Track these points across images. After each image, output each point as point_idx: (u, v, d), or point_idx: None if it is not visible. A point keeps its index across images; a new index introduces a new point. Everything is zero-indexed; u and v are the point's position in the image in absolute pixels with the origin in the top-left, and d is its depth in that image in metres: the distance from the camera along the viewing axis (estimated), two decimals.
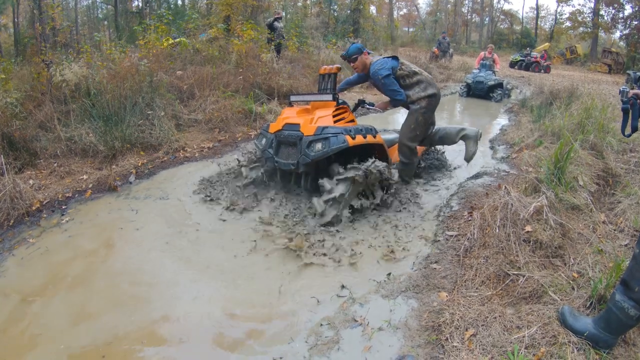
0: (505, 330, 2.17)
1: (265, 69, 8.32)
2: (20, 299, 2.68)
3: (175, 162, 5.23)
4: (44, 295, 2.72)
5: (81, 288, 2.78)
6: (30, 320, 2.49)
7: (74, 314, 2.53)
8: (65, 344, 2.29)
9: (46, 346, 2.28)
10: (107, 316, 2.50)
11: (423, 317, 2.40)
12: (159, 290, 2.74)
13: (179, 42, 9.01)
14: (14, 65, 7.46)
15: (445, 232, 3.42)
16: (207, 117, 6.49)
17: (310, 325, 2.41)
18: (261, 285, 2.81)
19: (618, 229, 3.33)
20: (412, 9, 46.32)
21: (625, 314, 1.90)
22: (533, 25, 40.19)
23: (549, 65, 23.46)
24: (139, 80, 5.99)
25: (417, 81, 4.11)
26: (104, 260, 3.13)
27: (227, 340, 2.32)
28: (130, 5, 25.32)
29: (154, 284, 2.81)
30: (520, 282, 2.56)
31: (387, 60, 4.04)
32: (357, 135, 3.63)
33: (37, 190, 4.22)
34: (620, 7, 31.31)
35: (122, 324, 2.43)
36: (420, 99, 4.09)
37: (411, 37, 37.31)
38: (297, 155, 3.65)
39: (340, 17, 26.35)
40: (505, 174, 4.79)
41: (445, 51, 18.59)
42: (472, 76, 11.96)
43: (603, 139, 4.76)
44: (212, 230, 3.57)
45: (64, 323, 2.46)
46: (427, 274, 2.86)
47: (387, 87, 4.01)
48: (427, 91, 4.10)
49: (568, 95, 7.85)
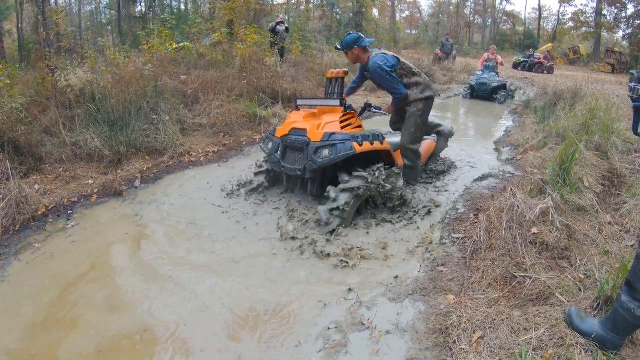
0: (512, 333, 2.16)
1: (269, 72, 8.33)
2: (25, 304, 2.69)
3: (181, 166, 5.25)
4: (50, 300, 2.73)
5: (86, 293, 2.80)
6: (37, 327, 2.50)
7: (76, 319, 2.54)
8: (68, 351, 2.29)
9: (48, 350, 2.29)
10: (107, 318, 2.51)
11: (430, 320, 2.40)
12: (164, 294, 2.75)
13: (183, 47, 9.04)
14: (19, 71, 7.49)
15: (451, 235, 3.42)
16: (212, 121, 6.51)
17: (318, 329, 2.41)
18: (269, 289, 2.81)
19: (624, 229, 3.32)
20: (415, 12, 46.39)
21: (631, 314, 1.90)
22: (536, 26, 40.10)
23: (552, 66, 23.37)
24: (143, 85, 6.02)
25: (416, 82, 4.12)
26: (109, 265, 3.14)
27: (232, 345, 2.33)
28: (134, 10, 25.43)
29: (160, 288, 2.82)
30: (527, 284, 2.56)
31: (388, 56, 4.02)
32: (364, 142, 3.63)
33: (43, 195, 4.24)
34: (623, 6, 31.20)
35: (119, 326, 2.44)
36: (418, 101, 4.11)
37: (414, 40, 37.33)
38: (304, 161, 3.64)
39: (343, 20, 26.42)
40: (510, 175, 4.79)
41: (449, 53, 18.59)
42: (475, 78, 11.94)
43: (608, 139, 4.74)
44: (219, 233, 3.58)
45: (68, 329, 2.47)
46: (434, 276, 2.85)
47: (390, 83, 4.00)
48: (424, 93, 4.11)
49: (572, 96, 7.83)
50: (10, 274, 3.05)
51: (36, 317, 2.56)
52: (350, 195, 3.48)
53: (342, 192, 3.50)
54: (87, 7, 30.01)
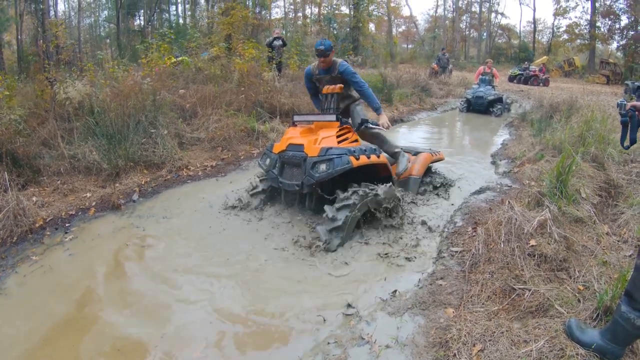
0: (512, 345, 2.16)
1: (267, 87, 8.38)
2: (22, 317, 2.67)
3: (179, 180, 5.25)
4: (47, 313, 2.71)
5: (83, 305, 2.78)
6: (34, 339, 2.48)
7: (74, 333, 2.52)
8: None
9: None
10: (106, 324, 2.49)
11: (430, 334, 2.39)
12: (165, 306, 2.74)
13: (181, 61, 9.09)
14: (18, 82, 7.51)
15: (449, 248, 3.42)
16: (210, 135, 6.52)
17: (317, 344, 2.39)
18: (268, 302, 2.80)
19: (622, 240, 3.33)
20: (411, 26, 46.89)
21: (631, 324, 1.91)
22: (531, 39, 40.55)
23: (548, 78, 23.57)
24: (142, 99, 6.03)
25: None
26: (107, 278, 3.12)
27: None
28: (132, 23, 25.68)
29: (159, 302, 2.80)
30: (526, 296, 2.55)
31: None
32: (361, 155, 3.65)
33: (41, 207, 4.22)
34: (617, 18, 31.61)
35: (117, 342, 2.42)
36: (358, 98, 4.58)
37: (410, 54, 37.69)
38: (302, 176, 3.66)
39: (340, 34, 26.74)
40: (507, 188, 4.80)
41: (445, 67, 18.73)
42: (471, 91, 12.04)
43: (604, 150, 4.78)
44: (217, 248, 3.58)
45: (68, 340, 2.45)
46: (433, 290, 2.85)
47: (359, 83, 4.29)
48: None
49: (568, 108, 7.89)
50: (7, 286, 3.04)
51: (32, 331, 2.53)
52: (348, 212, 3.46)
53: (339, 210, 3.49)
54: (86, 20, 30.31)
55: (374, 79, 12.11)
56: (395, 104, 11.45)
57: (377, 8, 33.79)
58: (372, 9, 31.00)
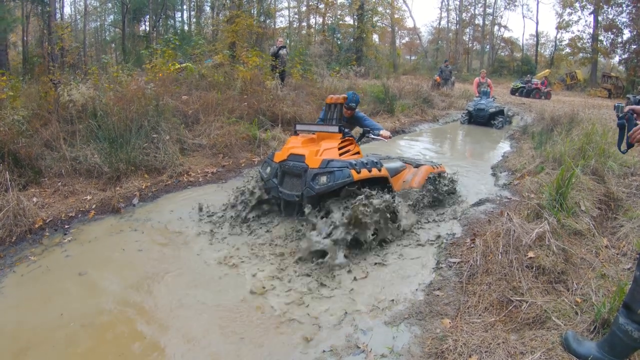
0: (509, 356, 2.15)
1: (269, 95, 8.41)
2: (19, 316, 2.67)
3: (179, 186, 5.26)
4: (43, 314, 2.71)
5: (80, 308, 2.77)
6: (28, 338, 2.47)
7: (69, 336, 2.52)
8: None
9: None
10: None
11: (426, 344, 2.38)
12: (158, 313, 2.73)
13: (185, 67, 9.14)
14: (22, 83, 7.56)
15: (447, 259, 3.41)
16: (212, 142, 6.54)
17: (313, 352, 2.38)
18: (262, 312, 2.79)
19: (621, 252, 3.33)
20: (414, 37, 47.04)
21: (629, 336, 1.90)
22: (533, 52, 40.61)
23: (550, 91, 23.58)
24: (145, 104, 6.07)
25: None
26: (104, 281, 3.12)
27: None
28: (138, 29, 25.84)
29: (153, 307, 2.80)
30: (523, 308, 2.55)
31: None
32: (362, 169, 3.65)
33: (41, 208, 4.24)
34: (619, 31, 31.68)
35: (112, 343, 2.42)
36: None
37: (413, 65, 37.78)
38: (302, 187, 3.65)
39: (343, 45, 26.89)
40: (507, 200, 4.80)
41: (447, 79, 18.77)
42: (473, 104, 12.05)
43: (604, 163, 4.79)
44: (214, 255, 3.58)
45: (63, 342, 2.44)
46: (430, 300, 2.84)
47: (371, 123, 4.63)
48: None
49: (569, 121, 7.91)
50: (5, 285, 3.06)
51: (29, 330, 2.53)
52: (343, 230, 3.40)
53: (336, 227, 3.44)
54: (92, 23, 30.48)
55: (377, 89, 12.13)
56: (397, 115, 11.47)
57: (381, 19, 34.05)
58: (376, 20, 31.27)
